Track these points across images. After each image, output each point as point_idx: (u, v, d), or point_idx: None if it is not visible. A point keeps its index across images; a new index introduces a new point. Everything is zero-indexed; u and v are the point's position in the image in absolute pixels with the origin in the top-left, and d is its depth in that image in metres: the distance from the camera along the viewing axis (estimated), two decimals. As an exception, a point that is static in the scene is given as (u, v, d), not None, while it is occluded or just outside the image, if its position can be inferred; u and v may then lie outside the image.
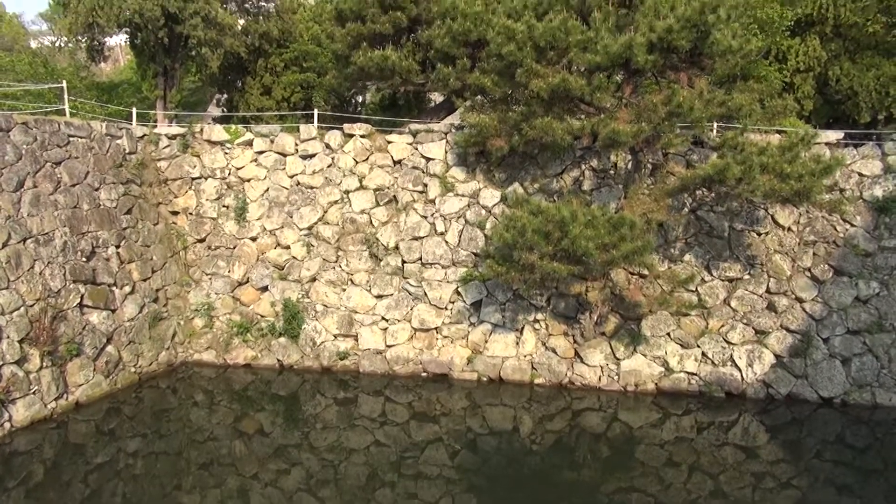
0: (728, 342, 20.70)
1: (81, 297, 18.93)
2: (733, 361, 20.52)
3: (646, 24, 18.95)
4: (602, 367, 20.95)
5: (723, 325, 20.94)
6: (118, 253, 20.83)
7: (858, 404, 19.80)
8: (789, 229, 21.52)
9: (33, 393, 16.87)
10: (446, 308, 22.26)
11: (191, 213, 24.15)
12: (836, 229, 21.30)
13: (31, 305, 17.34)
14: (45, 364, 17.28)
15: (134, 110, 25.37)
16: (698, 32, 18.38)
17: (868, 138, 23.63)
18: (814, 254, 21.18)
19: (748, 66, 24.29)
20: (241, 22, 30.42)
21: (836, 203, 20.62)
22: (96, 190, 20.82)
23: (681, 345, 20.83)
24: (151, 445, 16.45)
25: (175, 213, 24.13)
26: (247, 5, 30.94)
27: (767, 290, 21.10)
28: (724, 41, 18.57)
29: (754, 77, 25.58)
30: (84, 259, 19.41)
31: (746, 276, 21.32)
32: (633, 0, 20.48)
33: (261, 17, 30.47)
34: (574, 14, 19.77)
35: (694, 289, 21.25)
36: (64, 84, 24.69)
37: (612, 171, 22.40)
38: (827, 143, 21.86)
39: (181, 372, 21.81)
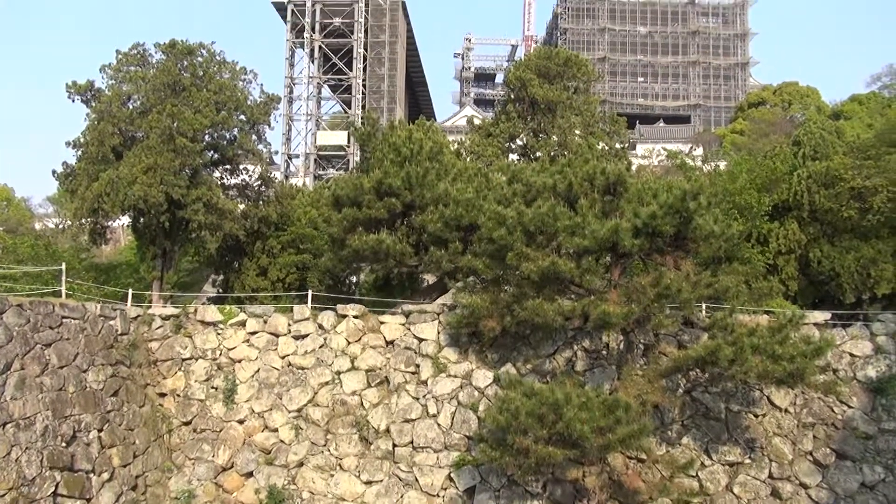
0: (734, 532, 19.71)
1: (56, 486, 18.05)
2: (742, 554, 19.42)
3: (630, 210, 19.78)
4: (603, 561, 19.74)
5: (727, 514, 20.03)
6: (100, 437, 20.17)
7: None
8: (786, 411, 21.20)
9: (-7, 593, 15.66)
10: (438, 495, 21.31)
11: (178, 395, 23.70)
12: (833, 411, 21.00)
13: (3, 496, 16.51)
14: (9, 560, 16.19)
15: (130, 291, 25.65)
16: (681, 218, 19.13)
17: (855, 318, 23.93)
18: (814, 436, 20.73)
19: (731, 248, 25.06)
20: (241, 206, 31.59)
21: (830, 384, 20.45)
22: (84, 371, 20.54)
23: (685, 535, 19.79)
24: None
25: (162, 395, 23.68)
26: (247, 191, 32.28)
27: (770, 476, 20.40)
28: (707, 226, 19.28)
29: (738, 259, 26.32)
30: (64, 444, 18.75)
31: (747, 461, 20.70)
32: (616, 187, 21.46)
33: (261, 202, 31.69)
34: (561, 201, 20.64)
35: (694, 474, 20.54)
36: (63, 266, 25.11)
37: (604, 352, 22.38)
38: (815, 324, 22.09)
39: (155, 567, 20.41)
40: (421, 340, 23.48)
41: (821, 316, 22.57)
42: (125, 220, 35.12)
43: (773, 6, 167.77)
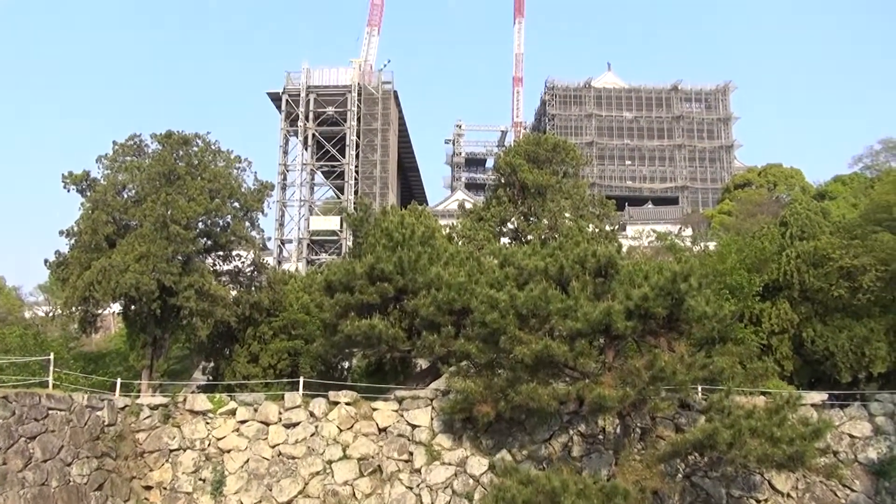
0: None
1: (35, 587, 17.36)
2: None
3: (622, 292, 19.86)
4: None
5: None
6: (82, 534, 19.52)
7: None
8: (788, 495, 20.72)
9: None
10: (434, 591, 20.50)
11: (165, 488, 23.00)
12: (836, 495, 20.53)
13: None
14: None
15: (118, 381, 25.26)
16: (673, 300, 19.20)
17: (852, 398, 23.67)
18: (819, 522, 20.19)
19: (724, 329, 24.96)
20: (233, 292, 31.47)
21: (832, 467, 20.07)
22: (68, 465, 20.02)
23: None
24: None
25: (148, 488, 22.97)
26: (240, 277, 32.25)
27: (776, 564, 19.78)
28: (699, 307, 19.33)
29: (732, 340, 26.19)
30: (44, 542, 18.11)
31: (752, 549, 20.08)
32: (608, 269, 21.54)
33: (253, 288, 31.61)
34: (553, 283, 20.69)
35: (698, 564, 19.88)
36: (51, 356, 24.76)
37: (601, 436, 22.00)
38: (812, 405, 21.85)
39: None
40: (414, 427, 23.05)
41: (817, 396, 22.35)
42: (116, 307, 34.91)
43: (753, 91, 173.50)
